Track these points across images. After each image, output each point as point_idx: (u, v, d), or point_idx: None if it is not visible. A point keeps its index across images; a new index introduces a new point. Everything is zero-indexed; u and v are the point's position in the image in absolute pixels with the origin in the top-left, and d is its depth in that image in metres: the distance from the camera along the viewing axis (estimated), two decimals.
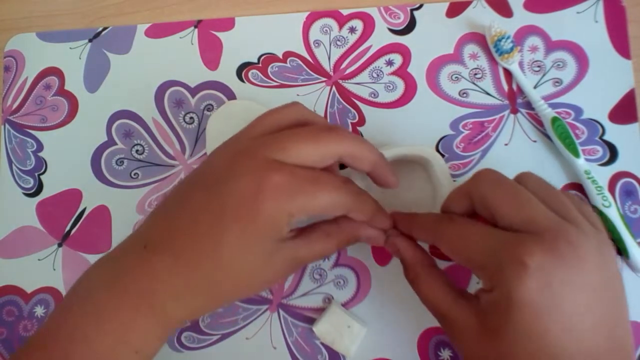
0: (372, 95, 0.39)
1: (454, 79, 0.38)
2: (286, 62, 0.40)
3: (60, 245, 0.39)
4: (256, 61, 0.40)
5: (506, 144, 0.37)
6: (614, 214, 0.34)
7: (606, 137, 0.36)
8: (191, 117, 0.40)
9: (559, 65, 0.38)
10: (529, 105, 0.37)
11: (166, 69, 0.41)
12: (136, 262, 0.26)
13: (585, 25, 0.38)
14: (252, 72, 0.40)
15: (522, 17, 0.39)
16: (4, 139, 0.41)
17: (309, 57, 0.40)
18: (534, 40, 0.38)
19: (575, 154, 0.35)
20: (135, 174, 0.40)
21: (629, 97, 0.37)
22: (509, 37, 0.36)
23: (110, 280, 0.26)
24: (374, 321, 0.35)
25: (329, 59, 0.40)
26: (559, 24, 0.38)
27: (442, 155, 0.37)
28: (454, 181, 0.34)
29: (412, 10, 0.40)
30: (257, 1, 0.42)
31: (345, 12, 0.40)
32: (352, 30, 0.40)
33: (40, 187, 0.40)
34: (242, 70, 0.40)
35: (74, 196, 0.40)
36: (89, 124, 0.41)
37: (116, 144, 0.40)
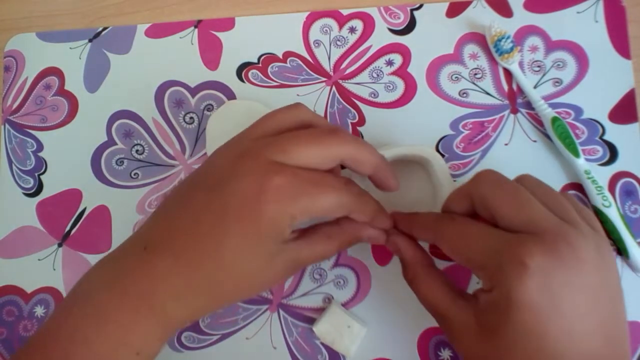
0: (372, 95, 0.39)
1: (454, 79, 0.38)
2: (286, 62, 0.40)
3: (60, 245, 0.39)
4: (256, 61, 0.40)
5: (506, 144, 0.37)
6: (614, 214, 0.34)
7: (606, 137, 0.36)
8: (191, 117, 0.40)
9: (559, 65, 0.38)
10: (529, 105, 0.37)
11: (166, 69, 0.41)
12: (136, 263, 0.26)
13: (585, 25, 0.38)
14: (252, 72, 0.40)
15: (522, 17, 0.39)
16: (4, 139, 0.41)
17: (309, 57, 0.40)
18: (534, 40, 0.38)
19: (575, 153, 0.35)
20: (135, 174, 0.40)
21: (629, 97, 0.37)
22: (509, 37, 0.36)
23: (110, 281, 0.26)
24: (374, 321, 0.35)
25: (329, 59, 0.40)
26: (559, 24, 0.38)
27: (442, 155, 0.37)
28: (454, 181, 0.34)
29: (412, 10, 0.40)
30: (257, 1, 0.42)
31: (345, 12, 0.40)
32: (352, 30, 0.40)
33: (40, 187, 0.40)
34: (242, 70, 0.40)
35: (74, 196, 0.40)
36: (89, 124, 0.41)
37: (116, 144, 0.40)
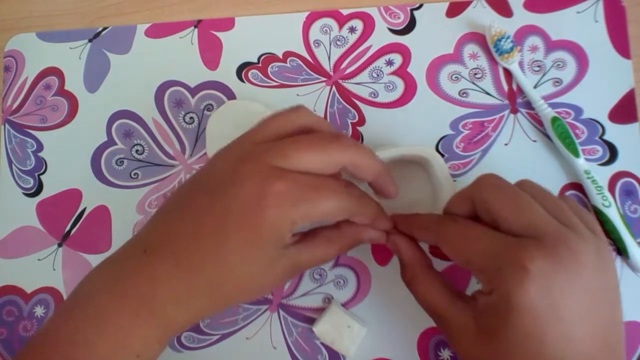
0: (372, 95, 0.39)
1: (454, 78, 0.38)
2: (286, 62, 0.40)
3: (60, 245, 0.39)
4: (256, 61, 0.40)
5: (506, 144, 0.37)
6: (614, 214, 0.34)
7: (606, 137, 0.36)
8: (191, 117, 0.40)
9: (559, 65, 0.38)
10: (528, 105, 0.37)
11: (166, 69, 0.41)
12: (137, 266, 0.26)
13: (585, 25, 0.38)
14: (252, 72, 0.40)
15: (522, 17, 0.39)
16: (4, 139, 0.41)
17: (309, 57, 0.40)
18: (534, 40, 0.38)
19: (575, 153, 0.35)
20: (135, 174, 0.40)
21: (629, 97, 0.37)
22: (508, 37, 0.36)
23: (110, 284, 0.26)
24: (374, 321, 0.35)
25: (329, 58, 0.40)
26: (559, 24, 0.38)
27: (442, 155, 0.37)
28: (454, 181, 0.34)
29: (412, 10, 0.40)
30: (257, 1, 0.42)
31: (345, 12, 0.40)
32: (352, 30, 0.40)
33: (40, 187, 0.40)
34: (242, 70, 0.40)
35: (74, 196, 0.40)
36: (89, 124, 0.41)
37: (116, 144, 0.40)
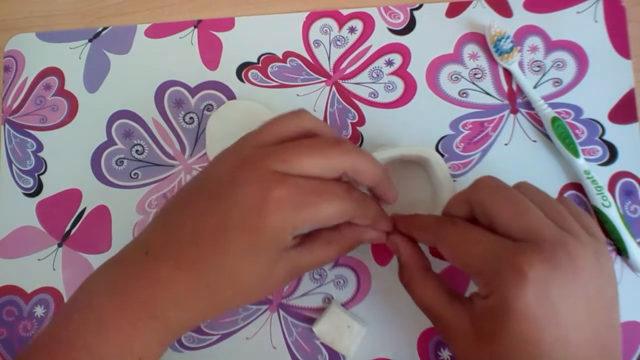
0: (372, 95, 0.39)
1: (454, 79, 0.38)
2: (286, 62, 0.40)
3: (60, 245, 0.39)
4: (256, 61, 0.40)
5: (506, 144, 0.37)
6: (613, 214, 0.34)
7: (606, 137, 0.36)
8: (191, 117, 0.40)
9: (558, 65, 0.38)
10: (528, 105, 0.37)
11: (166, 69, 0.41)
12: (137, 270, 0.26)
13: (585, 25, 0.38)
14: (252, 72, 0.40)
15: (522, 17, 0.39)
16: (4, 139, 0.41)
17: (309, 57, 0.40)
18: (534, 40, 0.38)
19: (575, 153, 0.35)
20: (135, 174, 0.40)
21: (629, 97, 0.37)
22: (508, 37, 0.36)
23: (111, 287, 0.26)
24: (374, 321, 0.35)
25: (329, 59, 0.40)
26: (558, 24, 0.38)
27: (442, 155, 0.37)
28: (454, 181, 0.34)
29: (412, 10, 0.40)
30: (257, 1, 0.42)
31: (345, 12, 0.40)
32: (352, 30, 0.40)
33: (40, 187, 0.40)
34: (242, 70, 0.40)
35: (74, 196, 0.40)
36: (89, 124, 0.41)
37: (116, 144, 0.40)
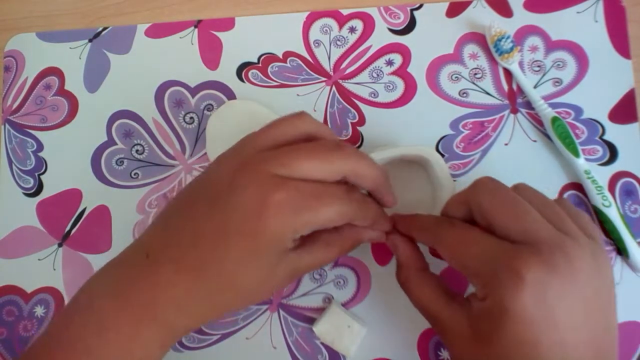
0: (372, 95, 0.39)
1: (454, 78, 0.38)
2: (286, 62, 0.40)
3: (60, 245, 0.39)
4: (256, 61, 0.40)
5: (506, 144, 0.37)
6: (614, 214, 0.34)
7: (606, 137, 0.36)
8: (191, 117, 0.40)
9: (559, 65, 0.38)
10: (529, 105, 0.37)
11: (166, 69, 0.41)
12: (138, 273, 0.26)
13: (585, 25, 0.38)
14: (252, 72, 0.40)
15: (522, 17, 0.39)
16: (4, 139, 0.41)
17: (309, 57, 0.40)
18: (534, 40, 0.38)
19: (575, 153, 0.35)
20: (135, 174, 0.40)
21: (629, 97, 0.37)
22: (508, 37, 0.36)
23: (112, 290, 0.26)
24: (374, 321, 0.35)
25: (329, 58, 0.40)
26: (558, 24, 0.38)
27: (442, 155, 0.37)
28: (454, 181, 0.34)
29: (412, 10, 0.40)
30: (257, 1, 0.42)
31: (345, 12, 0.40)
32: (352, 30, 0.40)
33: (40, 187, 0.40)
34: (242, 70, 0.40)
35: (74, 196, 0.40)
36: (89, 124, 0.41)
37: (116, 144, 0.40)
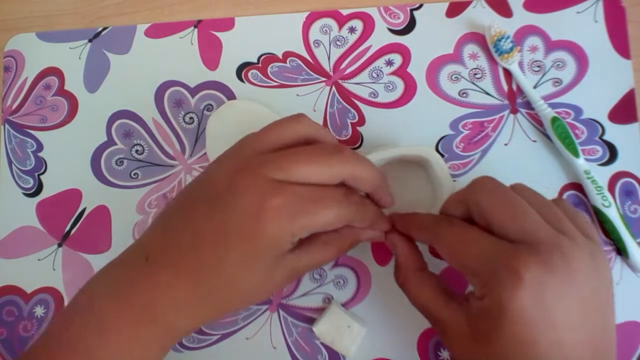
0: (372, 95, 0.39)
1: (454, 79, 0.38)
2: (286, 62, 0.40)
3: (60, 245, 0.39)
4: (256, 61, 0.40)
5: (506, 144, 0.37)
6: (613, 214, 0.34)
7: (606, 137, 0.36)
8: (191, 117, 0.40)
9: (558, 65, 0.38)
10: (528, 105, 0.37)
11: (166, 69, 0.41)
12: (138, 274, 0.26)
13: (585, 25, 0.38)
14: (252, 72, 0.40)
15: (522, 17, 0.39)
16: (4, 139, 0.41)
17: (309, 57, 0.40)
18: (534, 40, 0.38)
19: (575, 153, 0.35)
20: (135, 174, 0.40)
21: (629, 97, 0.37)
22: (508, 37, 0.36)
23: (112, 290, 0.26)
24: (374, 321, 0.35)
25: (329, 59, 0.40)
26: (558, 24, 0.38)
27: (442, 155, 0.37)
28: (453, 181, 0.34)
29: (412, 10, 0.40)
30: (257, 1, 0.42)
31: (345, 12, 0.40)
32: (352, 30, 0.40)
33: (40, 187, 0.40)
34: (242, 70, 0.40)
35: (74, 196, 0.40)
36: (88, 124, 0.41)
37: (116, 144, 0.40)
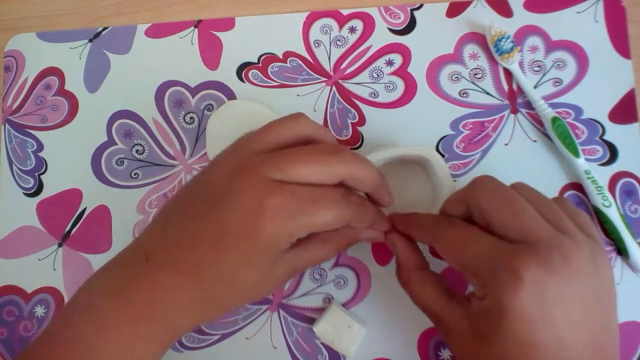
0: (372, 95, 0.39)
1: (454, 79, 0.38)
2: (286, 62, 0.40)
3: (60, 245, 0.39)
4: (256, 61, 0.40)
5: (506, 144, 0.37)
6: (614, 214, 0.34)
7: (606, 137, 0.36)
8: (191, 117, 0.40)
9: (559, 65, 0.38)
10: (529, 105, 0.37)
11: (166, 69, 0.41)
12: (138, 273, 0.26)
13: (585, 25, 0.38)
14: (252, 72, 0.40)
15: (522, 17, 0.39)
16: (4, 139, 0.41)
17: (309, 57, 0.40)
18: (534, 40, 0.38)
19: (575, 153, 0.35)
20: (135, 174, 0.40)
21: (629, 97, 0.37)
22: (509, 37, 0.36)
23: (112, 289, 0.26)
24: (374, 321, 0.35)
25: (329, 59, 0.40)
26: (559, 24, 0.38)
27: (442, 155, 0.37)
28: (454, 181, 0.34)
29: (412, 10, 0.40)
30: (257, 1, 0.42)
31: (345, 12, 0.40)
32: (352, 30, 0.40)
33: (40, 187, 0.40)
34: (242, 70, 0.40)
35: (74, 196, 0.40)
36: (89, 124, 0.41)
37: (116, 144, 0.40)
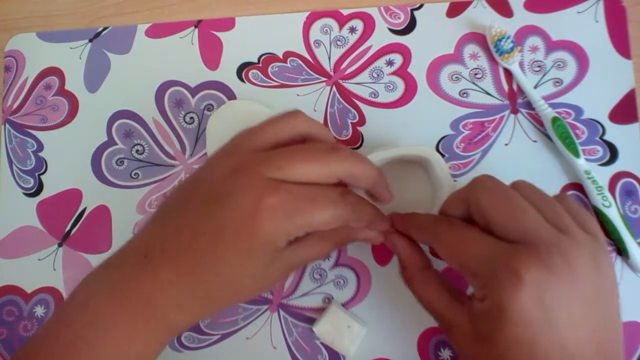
0: (372, 95, 0.39)
1: (454, 79, 0.38)
2: (286, 62, 0.40)
3: (60, 245, 0.39)
4: (256, 61, 0.40)
5: (506, 144, 0.37)
6: (614, 214, 0.34)
7: (606, 137, 0.36)
8: (191, 117, 0.40)
9: (559, 65, 0.38)
10: (529, 105, 0.37)
11: (166, 69, 0.41)
12: (137, 271, 0.26)
13: (585, 25, 0.38)
14: (252, 72, 0.40)
15: (523, 17, 0.39)
16: (4, 139, 0.41)
17: (309, 57, 0.40)
18: (534, 40, 0.38)
19: (575, 154, 0.35)
20: (135, 174, 0.40)
21: (629, 97, 0.37)
22: (509, 37, 0.36)
23: (111, 287, 0.26)
24: (374, 321, 0.35)
25: (329, 59, 0.40)
26: (559, 24, 0.38)
27: (442, 155, 0.37)
28: (454, 181, 0.34)
29: (412, 10, 0.40)
30: (257, 1, 0.42)
31: (345, 12, 0.40)
32: (353, 30, 0.40)
33: (40, 187, 0.40)
34: (242, 70, 0.40)
35: (74, 196, 0.40)
36: (89, 124, 0.41)
37: (116, 144, 0.40)
